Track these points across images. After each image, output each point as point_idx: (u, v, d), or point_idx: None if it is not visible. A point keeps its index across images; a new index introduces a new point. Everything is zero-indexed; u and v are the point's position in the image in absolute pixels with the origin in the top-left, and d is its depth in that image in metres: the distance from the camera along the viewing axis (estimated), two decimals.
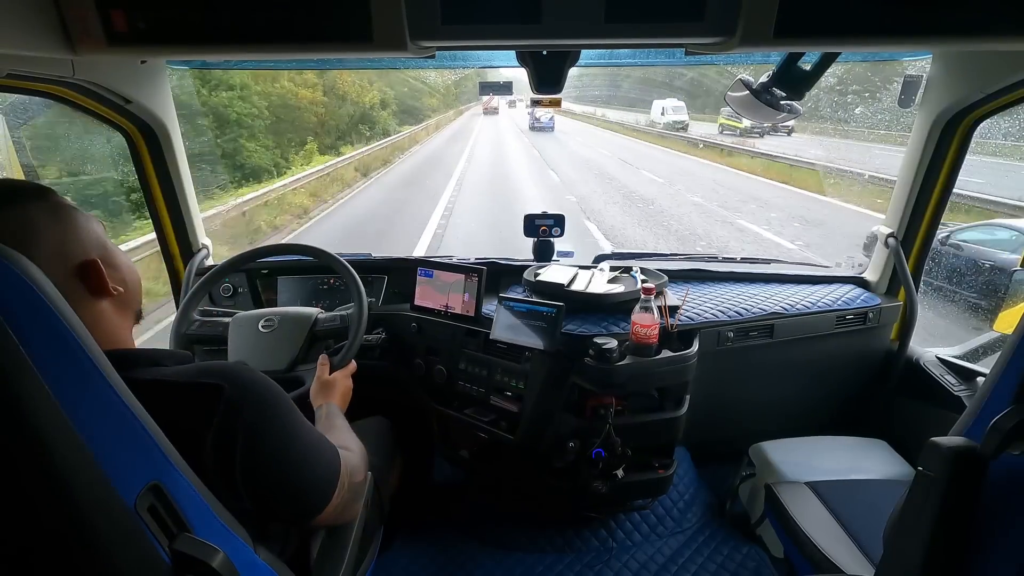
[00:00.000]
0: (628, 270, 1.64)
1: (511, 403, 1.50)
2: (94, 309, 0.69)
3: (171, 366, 0.72)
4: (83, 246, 0.69)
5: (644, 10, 0.85)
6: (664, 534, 1.61)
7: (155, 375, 0.67)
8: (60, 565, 0.47)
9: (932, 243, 1.61)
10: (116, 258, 0.74)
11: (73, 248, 0.67)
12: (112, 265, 0.72)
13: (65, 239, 0.67)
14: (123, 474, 0.50)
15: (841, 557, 1.20)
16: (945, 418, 1.48)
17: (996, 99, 1.31)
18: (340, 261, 1.39)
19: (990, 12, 0.81)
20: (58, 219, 0.67)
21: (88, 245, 0.69)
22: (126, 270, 0.75)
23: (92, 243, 0.70)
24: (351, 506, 0.87)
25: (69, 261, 0.67)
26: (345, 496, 0.83)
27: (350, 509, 0.87)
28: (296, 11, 0.85)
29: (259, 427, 0.69)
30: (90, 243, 0.70)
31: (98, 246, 0.71)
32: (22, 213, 0.64)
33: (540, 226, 1.73)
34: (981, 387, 0.69)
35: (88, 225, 0.71)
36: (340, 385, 1.16)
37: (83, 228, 0.70)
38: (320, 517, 0.78)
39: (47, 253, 0.64)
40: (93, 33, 0.86)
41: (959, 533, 0.66)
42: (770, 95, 1.23)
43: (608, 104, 31.72)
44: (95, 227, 0.73)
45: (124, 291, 0.73)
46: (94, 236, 0.71)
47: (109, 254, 0.73)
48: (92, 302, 0.69)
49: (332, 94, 16.08)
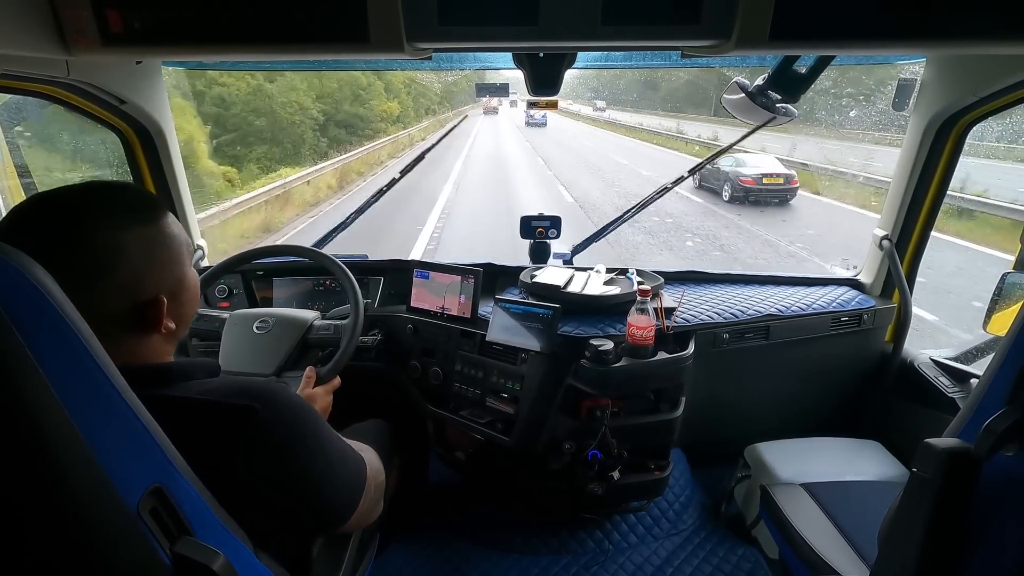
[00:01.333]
0: (624, 272, 1.65)
1: (507, 405, 1.50)
2: (143, 339, 0.67)
3: (202, 379, 0.71)
4: (158, 282, 0.66)
5: (640, 12, 0.85)
6: (660, 536, 1.61)
7: (187, 392, 0.66)
8: (61, 566, 0.47)
9: (926, 246, 1.62)
10: (185, 292, 0.71)
11: (148, 283, 0.65)
12: (178, 301, 0.70)
13: (145, 272, 0.65)
14: (125, 476, 0.50)
15: (836, 558, 1.20)
16: (939, 420, 1.49)
17: (989, 102, 1.32)
18: (338, 265, 1.38)
19: (984, 16, 0.81)
20: (150, 249, 0.65)
21: (164, 281, 0.67)
22: (188, 306, 0.73)
23: (172, 277, 0.68)
24: (375, 507, 0.88)
25: (139, 295, 0.65)
26: (371, 499, 0.84)
27: (374, 511, 0.88)
28: (292, 12, 0.85)
29: (290, 447, 0.69)
30: (167, 279, 0.68)
31: (175, 280, 0.69)
32: (112, 236, 0.62)
33: (536, 228, 1.73)
34: (975, 389, 0.69)
35: (178, 256, 0.69)
36: (320, 402, 1.14)
37: (168, 262, 0.68)
38: (346, 525, 0.79)
39: (121, 282, 0.63)
40: (88, 33, 0.86)
41: (953, 534, 0.67)
42: (766, 98, 1.24)
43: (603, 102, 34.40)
44: (184, 257, 0.70)
45: (177, 327, 0.71)
46: (176, 271, 0.69)
47: (181, 289, 0.70)
48: (143, 332, 0.67)
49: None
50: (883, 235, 1.63)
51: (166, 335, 0.70)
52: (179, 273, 0.70)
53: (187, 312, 0.73)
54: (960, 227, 7.43)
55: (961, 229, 7.38)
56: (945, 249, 6.76)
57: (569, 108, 37.60)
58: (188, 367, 0.72)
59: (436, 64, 1.43)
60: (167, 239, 0.68)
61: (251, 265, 1.71)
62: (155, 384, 0.64)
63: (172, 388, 0.66)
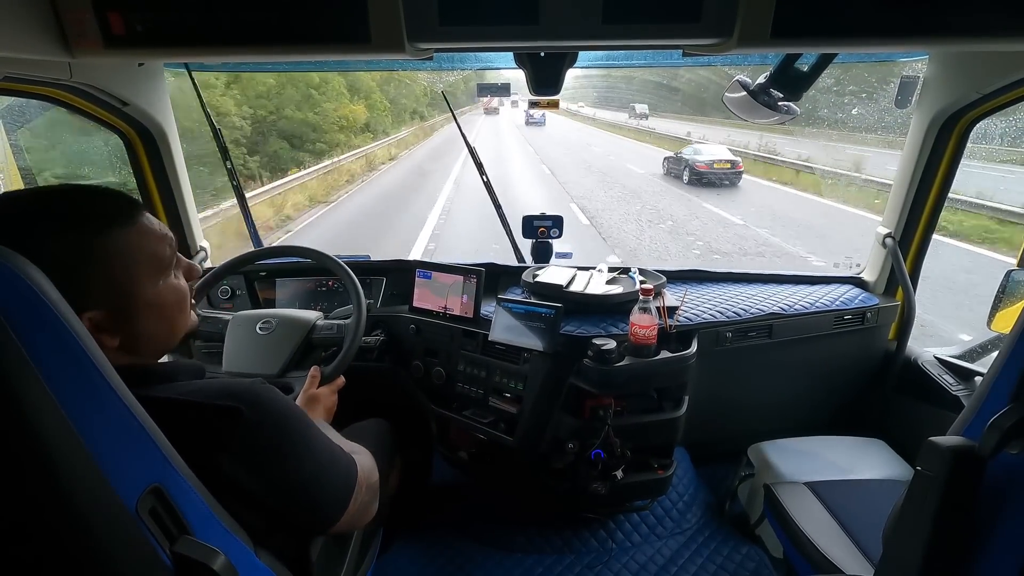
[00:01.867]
0: (626, 271, 1.65)
1: (510, 404, 1.50)
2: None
3: (186, 380, 0.71)
4: (102, 294, 0.63)
5: (641, 11, 0.85)
6: (663, 535, 1.60)
7: (170, 392, 0.66)
8: (61, 567, 0.47)
9: (930, 243, 1.62)
10: (139, 309, 0.67)
11: (87, 296, 0.61)
12: (124, 316, 0.65)
13: (84, 284, 0.61)
14: (124, 476, 0.50)
15: (840, 557, 1.20)
16: (943, 418, 1.49)
17: (992, 99, 1.31)
18: (340, 265, 1.39)
19: (986, 13, 0.81)
20: (91, 259, 0.62)
21: (112, 293, 0.64)
22: (146, 322, 0.68)
23: (121, 291, 0.64)
24: (369, 507, 0.88)
25: (76, 308, 0.60)
26: (363, 499, 0.84)
27: (368, 510, 0.88)
28: (293, 13, 0.85)
29: (276, 449, 0.69)
30: (116, 291, 0.64)
31: (123, 294, 0.65)
32: (53, 245, 0.59)
33: (539, 227, 1.73)
34: (979, 386, 0.69)
35: (133, 267, 0.65)
36: (325, 401, 1.15)
37: (118, 272, 0.64)
38: (337, 526, 0.79)
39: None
40: (90, 36, 0.86)
41: (958, 532, 0.66)
42: (767, 96, 1.24)
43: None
44: (135, 273, 0.66)
45: (134, 344, 0.67)
46: (127, 283, 0.65)
47: (131, 304, 0.66)
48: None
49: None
50: (886, 233, 1.63)
51: (114, 351, 0.66)
52: (128, 288, 0.65)
53: (146, 329, 0.68)
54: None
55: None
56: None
57: (581, 111, 36.16)
58: (170, 368, 0.72)
59: (437, 64, 1.43)
60: (124, 247, 0.64)
61: (254, 266, 1.72)
62: (137, 384, 0.61)
63: (154, 389, 0.66)
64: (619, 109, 30.36)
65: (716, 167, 11.68)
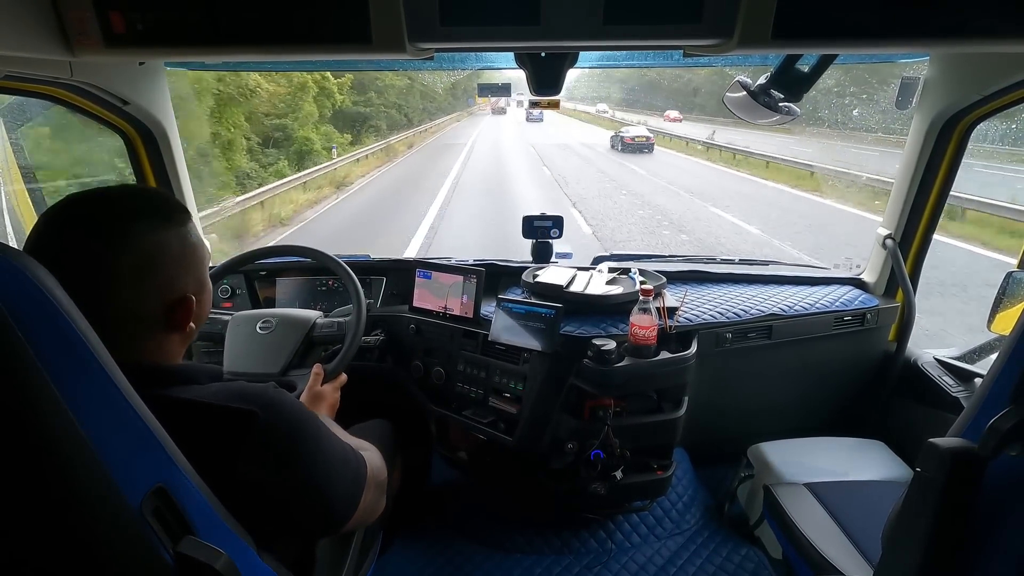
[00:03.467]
0: (627, 271, 1.65)
1: (509, 404, 1.50)
2: (163, 338, 0.69)
3: (205, 383, 0.71)
4: (188, 283, 0.69)
5: (642, 12, 0.85)
6: (663, 535, 1.60)
7: (190, 394, 0.67)
8: (63, 566, 0.47)
9: (930, 245, 1.61)
10: (205, 294, 0.74)
11: (180, 283, 0.68)
12: (200, 302, 0.72)
13: (178, 273, 0.68)
14: (128, 476, 0.50)
15: (839, 558, 1.20)
16: (943, 419, 1.49)
17: (993, 101, 1.31)
18: (340, 264, 1.39)
19: (987, 14, 0.81)
20: (183, 250, 0.68)
21: (192, 282, 0.70)
22: (206, 307, 0.76)
23: (196, 279, 0.71)
24: (378, 504, 0.88)
25: (172, 294, 0.68)
26: (372, 496, 0.84)
27: (377, 507, 0.88)
28: (294, 13, 0.85)
29: (290, 451, 0.69)
30: (194, 280, 0.71)
31: (198, 282, 0.72)
32: (156, 238, 0.65)
33: (539, 228, 1.73)
34: (979, 388, 0.69)
35: (203, 259, 0.72)
36: (329, 398, 1.15)
37: (197, 264, 0.71)
38: (347, 525, 0.79)
39: (160, 282, 0.66)
40: (91, 35, 0.86)
41: (957, 534, 0.66)
42: (768, 97, 1.23)
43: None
44: (206, 260, 0.73)
45: (195, 327, 0.74)
46: (201, 272, 0.72)
47: (203, 291, 0.73)
48: (164, 332, 0.69)
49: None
50: (886, 234, 1.62)
51: (185, 335, 0.72)
52: (202, 275, 0.73)
53: (205, 314, 0.75)
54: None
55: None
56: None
57: (603, 115, 36.63)
58: (192, 371, 0.72)
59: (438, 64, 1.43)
60: (196, 241, 0.71)
61: (254, 265, 1.72)
62: (156, 384, 0.64)
63: (171, 390, 0.66)
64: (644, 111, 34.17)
65: (636, 140, 18.57)
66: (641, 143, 18.42)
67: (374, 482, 0.84)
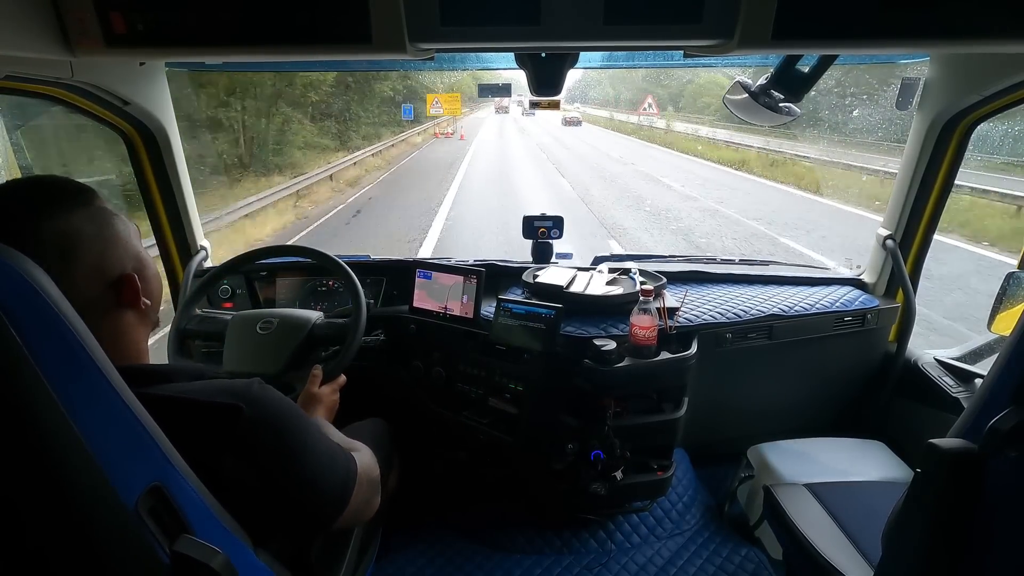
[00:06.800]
0: (627, 272, 1.65)
1: (510, 405, 1.50)
2: (119, 320, 0.69)
3: (182, 382, 0.71)
4: (122, 259, 0.68)
5: (643, 12, 0.85)
6: (663, 536, 1.60)
7: (169, 391, 0.67)
8: (59, 566, 0.47)
9: (930, 245, 1.61)
10: (148, 269, 0.73)
11: (112, 261, 0.67)
12: (144, 277, 0.71)
13: (105, 251, 0.66)
14: (124, 475, 0.50)
15: (840, 559, 1.20)
16: (943, 420, 1.49)
17: (994, 101, 1.31)
18: (340, 264, 1.38)
19: (988, 15, 0.81)
20: (100, 228, 0.67)
21: (127, 257, 0.69)
22: (155, 282, 0.75)
23: (130, 254, 0.70)
24: (371, 502, 0.88)
25: (108, 274, 0.67)
26: (364, 495, 0.84)
27: (371, 505, 0.88)
28: (295, 13, 0.85)
29: (276, 447, 0.69)
30: (128, 254, 0.69)
31: (134, 257, 0.71)
32: (66, 224, 0.63)
33: (539, 228, 1.73)
34: (979, 388, 0.69)
35: (127, 233, 0.70)
36: (327, 400, 1.15)
37: (123, 238, 0.69)
38: (339, 521, 0.79)
39: (88, 266, 0.65)
40: (91, 35, 0.86)
41: (957, 535, 0.66)
42: (768, 97, 1.23)
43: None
44: (133, 234, 0.72)
45: (151, 304, 0.73)
46: (132, 247, 0.71)
47: (143, 265, 0.72)
48: (118, 313, 0.69)
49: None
50: (887, 235, 1.62)
51: (141, 313, 0.72)
52: (135, 250, 0.71)
53: (154, 289, 0.74)
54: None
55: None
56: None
57: (630, 121, 36.41)
58: (168, 369, 0.72)
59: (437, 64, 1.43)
60: (109, 215, 0.69)
61: (254, 265, 1.72)
62: (136, 383, 0.63)
63: (153, 388, 0.66)
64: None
65: (569, 118, 28.88)
66: (572, 120, 29.61)
67: (365, 479, 0.84)
